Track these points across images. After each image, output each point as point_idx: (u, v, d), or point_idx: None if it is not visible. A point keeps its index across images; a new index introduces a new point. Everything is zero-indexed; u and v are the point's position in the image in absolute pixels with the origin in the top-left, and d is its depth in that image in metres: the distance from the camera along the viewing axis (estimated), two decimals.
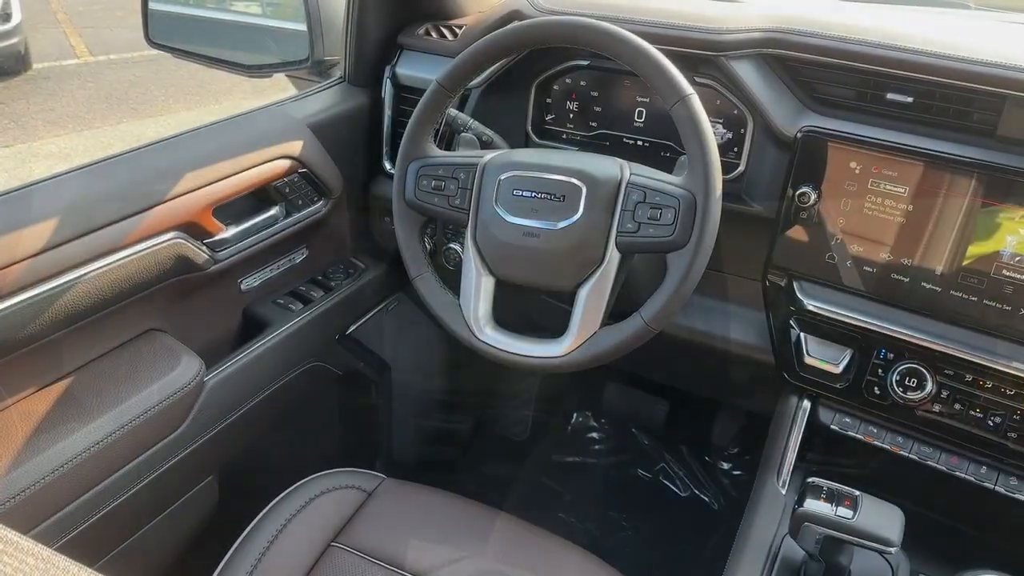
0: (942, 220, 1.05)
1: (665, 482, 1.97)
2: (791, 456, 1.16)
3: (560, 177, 1.04)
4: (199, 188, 1.17)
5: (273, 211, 1.32)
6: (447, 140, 1.36)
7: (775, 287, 1.21)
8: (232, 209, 1.25)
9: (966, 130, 1.05)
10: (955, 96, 1.04)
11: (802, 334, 1.19)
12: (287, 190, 1.32)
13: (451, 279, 1.16)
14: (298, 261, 1.44)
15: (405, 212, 1.14)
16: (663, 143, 1.30)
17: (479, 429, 2.06)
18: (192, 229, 1.17)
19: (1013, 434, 1.04)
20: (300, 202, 1.35)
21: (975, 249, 1.03)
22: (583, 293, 1.05)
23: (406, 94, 1.43)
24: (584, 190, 1.03)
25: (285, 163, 1.29)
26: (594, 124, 1.35)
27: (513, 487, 1.97)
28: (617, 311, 1.06)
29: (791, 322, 1.19)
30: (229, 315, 1.35)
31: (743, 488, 1.83)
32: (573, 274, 1.05)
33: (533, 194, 1.05)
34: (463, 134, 1.25)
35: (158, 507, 1.19)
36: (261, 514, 1.14)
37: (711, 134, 0.98)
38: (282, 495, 1.17)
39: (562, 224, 1.03)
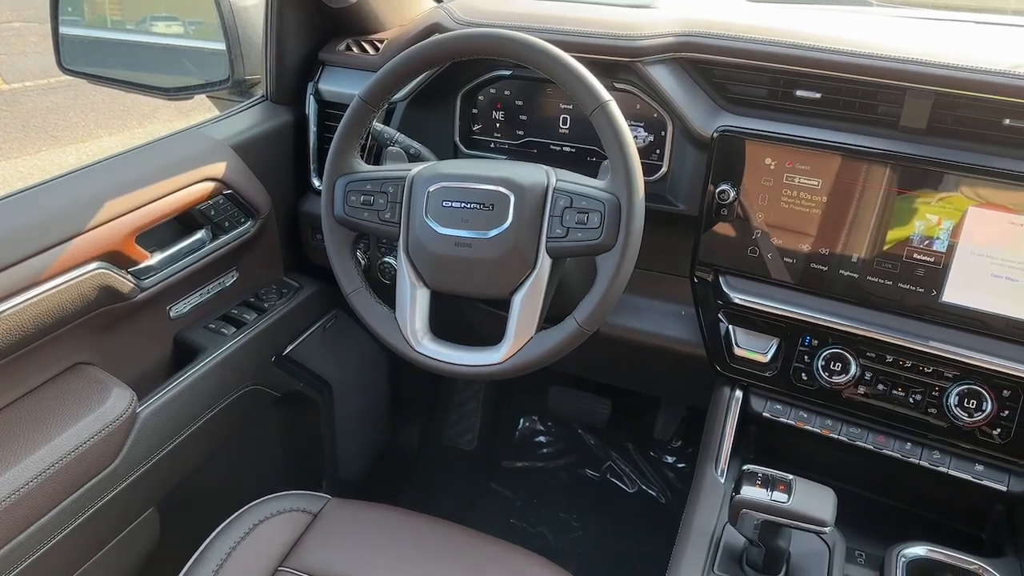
0: (855, 209, 1.09)
1: (613, 480, 2.00)
2: (727, 446, 1.19)
3: (488, 186, 1.06)
4: (120, 216, 1.14)
5: (199, 235, 1.30)
6: (375, 155, 1.36)
7: (702, 283, 1.24)
8: (156, 235, 1.22)
9: (872, 122, 1.10)
10: (860, 90, 1.09)
11: (730, 327, 1.22)
12: (212, 213, 1.30)
13: (388, 293, 1.17)
14: (229, 284, 1.42)
15: (335, 228, 1.14)
16: (589, 148, 1.33)
17: (427, 441, 2.06)
18: (115, 258, 1.14)
19: (933, 410, 1.09)
20: (227, 224, 1.33)
21: (887, 235, 1.08)
22: (517, 299, 1.06)
23: (330, 110, 1.42)
24: (512, 198, 1.04)
25: (209, 185, 1.27)
26: (521, 132, 1.37)
27: (464, 497, 1.97)
28: (554, 315, 1.08)
29: (719, 316, 1.23)
30: (160, 343, 1.32)
31: (688, 480, 1.87)
32: (507, 281, 1.06)
33: (463, 204, 1.06)
34: (390, 148, 1.26)
35: (97, 545, 1.16)
36: (205, 544, 1.11)
37: (630, 138, 1.01)
38: (225, 523, 1.15)
39: (493, 232, 1.05)
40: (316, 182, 1.46)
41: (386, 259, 1.37)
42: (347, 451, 1.74)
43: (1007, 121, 1.01)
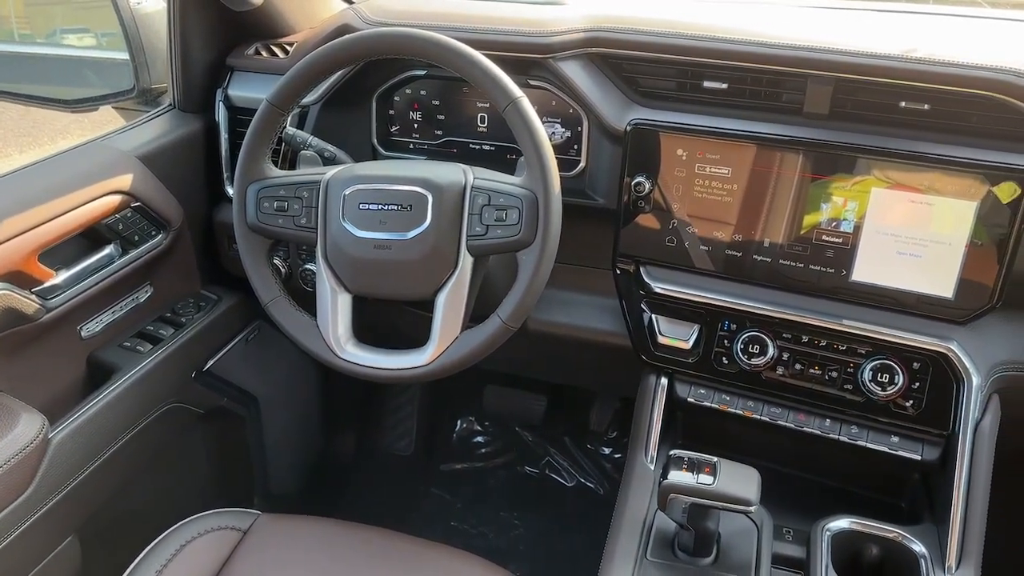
0: (764, 195, 1.12)
1: (552, 475, 2.01)
2: (655, 433, 1.21)
3: (405, 187, 1.05)
4: (21, 233, 1.09)
5: (107, 250, 1.25)
6: (290, 160, 1.33)
7: (625, 274, 1.26)
8: (61, 253, 1.17)
9: (777, 110, 1.13)
10: (764, 79, 1.12)
11: (653, 316, 1.24)
12: (121, 227, 1.25)
13: (311, 301, 1.14)
14: (143, 300, 1.37)
15: (249, 237, 1.11)
16: (508, 146, 1.33)
17: (363, 449, 2.03)
18: (17, 278, 1.09)
19: (849, 386, 1.13)
20: (137, 238, 1.29)
21: (796, 219, 1.11)
22: (441, 299, 1.06)
23: (241, 116, 1.39)
24: (430, 198, 1.04)
25: (115, 199, 1.23)
26: (439, 132, 1.36)
27: (403, 503, 1.95)
28: (481, 313, 1.08)
29: (642, 306, 1.25)
30: (72, 365, 1.27)
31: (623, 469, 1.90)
32: (429, 282, 1.06)
33: (380, 206, 1.05)
34: (303, 152, 1.23)
35: None
36: (129, 569, 1.07)
37: (543, 134, 1.01)
38: (150, 546, 1.11)
39: (412, 233, 1.04)
40: (230, 190, 1.42)
41: (307, 266, 1.34)
42: (278, 465, 1.70)
43: (903, 103, 1.06)
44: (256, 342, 1.56)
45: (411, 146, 1.38)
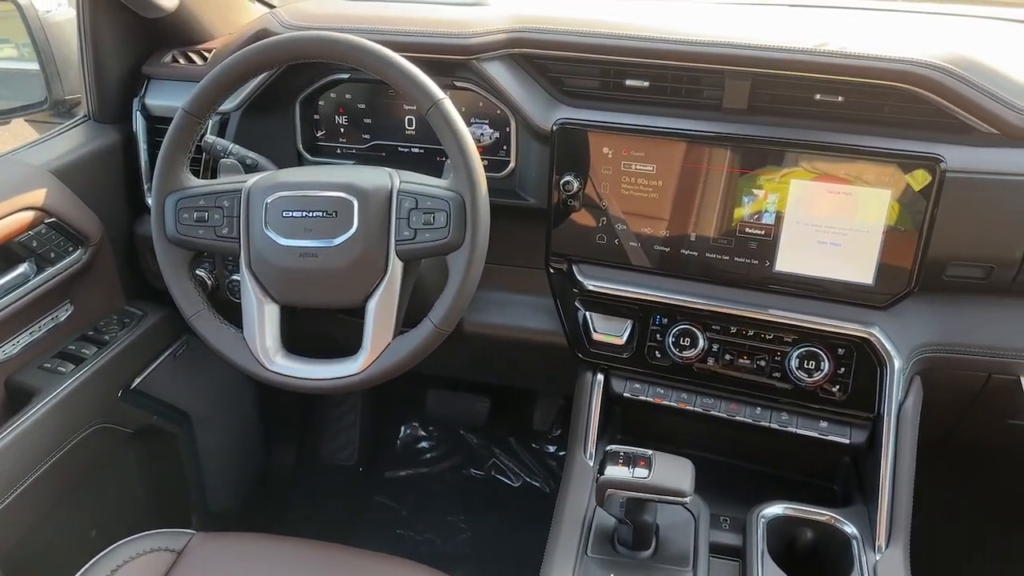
0: (688, 190, 1.14)
1: (498, 477, 2.01)
2: (593, 429, 1.22)
3: (329, 193, 1.03)
4: None
5: (21, 269, 1.20)
6: (213, 169, 1.30)
7: (558, 273, 1.27)
8: None
9: (698, 106, 1.14)
10: (684, 76, 1.14)
11: (587, 313, 1.25)
12: (35, 244, 1.20)
13: (239, 313, 1.11)
14: (63, 318, 1.32)
15: (169, 249, 1.08)
16: (437, 148, 1.32)
17: (304, 461, 1.99)
18: None
19: (777, 374, 1.16)
20: (53, 255, 1.24)
21: (721, 213, 1.13)
22: (372, 306, 1.04)
23: (160, 125, 1.35)
24: (355, 203, 1.02)
25: (27, 215, 1.18)
26: (367, 136, 1.34)
27: (347, 514, 1.92)
28: (416, 318, 1.07)
29: (576, 304, 1.25)
30: None
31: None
32: (359, 288, 1.04)
33: (304, 213, 1.03)
34: (224, 160, 1.20)
35: None
36: None
37: (467, 135, 1.01)
38: (80, 572, 1.07)
39: (339, 240, 1.02)
40: (151, 202, 1.38)
41: (234, 277, 1.31)
42: (215, 482, 1.66)
43: (818, 96, 1.08)
44: (185, 357, 1.52)
45: (338, 151, 1.36)
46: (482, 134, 1.27)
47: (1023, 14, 1.44)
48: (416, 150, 1.33)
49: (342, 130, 1.35)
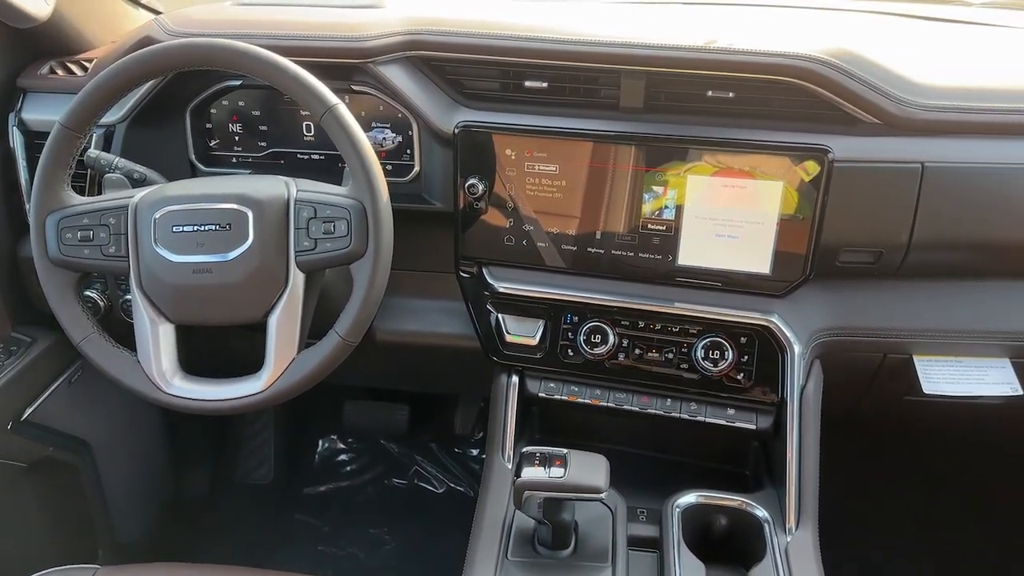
0: (591, 189, 1.15)
1: (421, 484, 1.99)
2: (511, 431, 1.22)
3: (221, 205, 1.00)
4: None
5: None
6: (100, 185, 1.23)
7: (468, 276, 1.26)
8: None
9: (596, 106, 1.16)
10: (581, 76, 1.14)
11: (499, 315, 1.24)
12: None
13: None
14: None
15: (52, 272, 1.02)
16: (338, 154, 1.29)
17: (218, 482, 1.92)
18: None
19: (685, 365, 1.18)
20: None
21: (623, 210, 1.15)
22: (273, 321, 1.01)
23: (40, 140, 1.26)
24: (250, 215, 0.99)
25: None
26: (263, 144, 1.30)
27: (266, 535, 1.86)
28: (324, 329, 1.04)
29: (488, 306, 1.25)
30: None
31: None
32: (258, 303, 1.01)
33: (195, 227, 0.99)
34: (108, 175, 1.14)
35: None
36: None
37: (364, 140, 0.99)
38: None
39: (234, 254, 0.99)
40: (31, 222, 1.30)
41: (128, 296, 1.25)
42: (123, 512, 1.58)
43: (710, 93, 1.11)
44: (82, 383, 1.44)
45: (234, 160, 1.31)
46: (384, 138, 1.25)
47: (905, 8, 1.52)
48: (316, 157, 1.30)
49: (237, 139, 1.30)
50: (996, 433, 1.63)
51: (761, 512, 1.10)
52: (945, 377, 1.17)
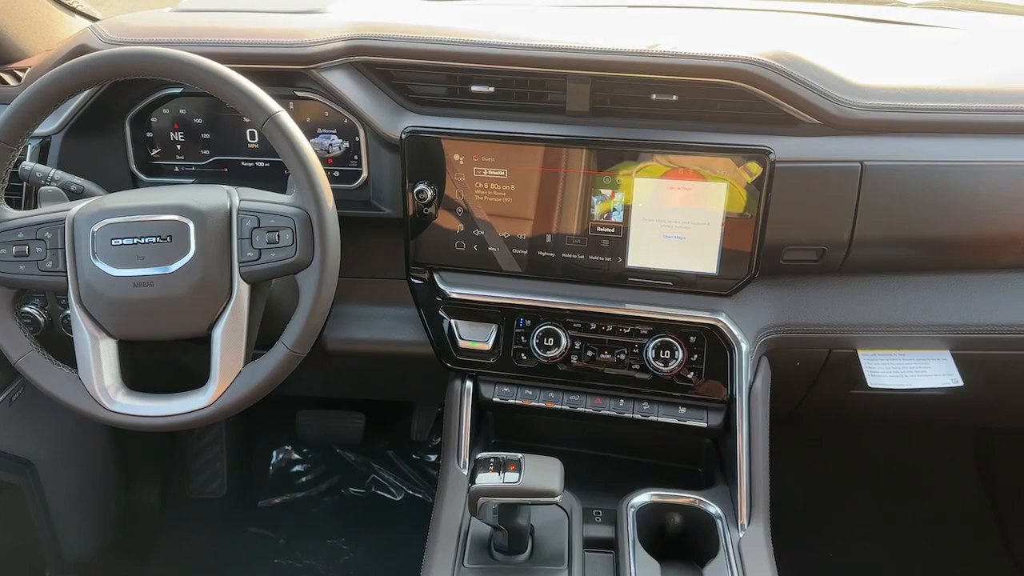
0: (540, 193, 1.15)
1: (379, 492, 1.97)
2: (466, 437, 1.21)
3: (161, 217, 0.97)
4: None
5: None
6: (36, 198, 1.19)
7: (420, 282, 1.25)
8: None
9: (543, 110, 1.16)
10: (528, 81, 1.15)
11: (452, 321, 1.24)
12: None
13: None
14: None
15: None
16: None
17: (169, 497, 1.88)
18: None
19: (636, 365, 1.19)
20: None
21: (572, 213, 1.15)
22: (218, 333, 1.00)
23: None
24: (192, 226, 0.97)
25: None
26: (207, 152, 1.28)
27: (220, 549, 1.83)
28: (271, 342, 1.02)
29: (440, 312, 1.24)
30: None
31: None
32: (202, 316, 0.99)
33: (135, 240, 0.97)
34: (44, 188, 1.11)
35: None
36: None
37: (307, 147, 0.98)
38: None
39: (176, 266, 0.97)
40: None
41: (68, 312, 1.21)
42: (70, 530, 1.54)
43: (654, 96, 1.12)
44: (23, 400, 1.39)
45: (176, 169, 1.28)
46: (330, 144, 1.23)
47: (843, 9, 1.55)
48: (262, 164, 1.28)
49: (179, 147, 1.27)
50: (940, 423, 1.68)
51: (714, 509, 1.11)
52: (889, 370, 1.19)
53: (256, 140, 1.27)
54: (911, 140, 1.12)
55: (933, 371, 1.20)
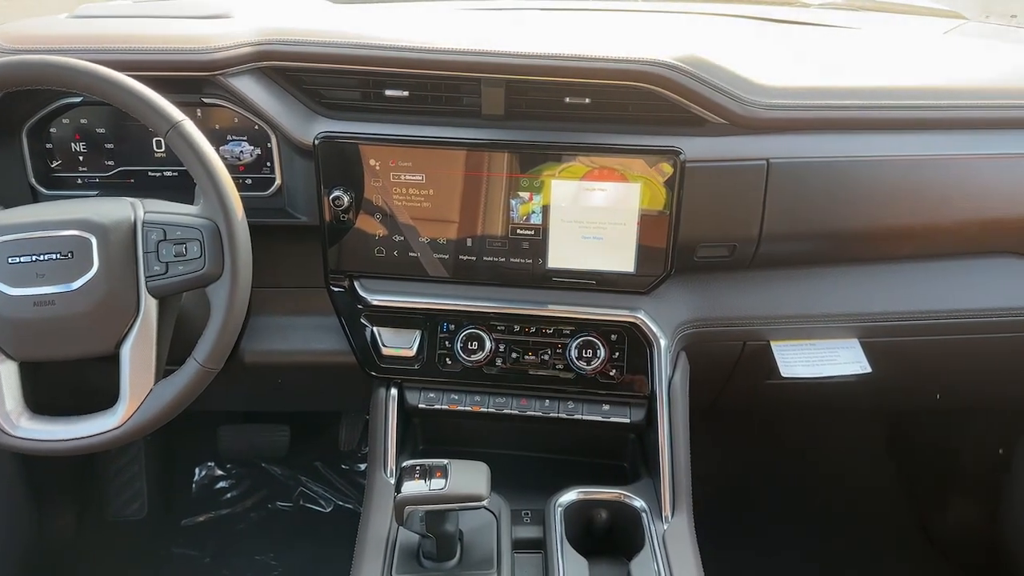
0: (459, 197, 1.15)
1: (308, 505, 1.94)
2: (392, 446, 1.20)
3: (61, 232, 0.94)
4: None
5: None
6: None
7: (340, 290, 1.23)
8: None
9: (458, 114, 1.16)
10: (443, 85, 1.14)
11: (375, 329, 1.23)
12: None
13: None
14: None
15: None
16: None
17: (86, 521, 1.80)
18: None
19: (560, 365, 1.20)
20: None
21: (491, 217, 1.16)
22: (126, 351, 0.96)
23: None
24: (94, 241, 0.94)
25: None
26: (111, 163, 1.23)
27: (142, 573, 1.76)
28: (184, 357, 0.99)
29: (362, 320, 1.23)
30: None
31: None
32: (108, 333, 0.96)
33: (34, 257, 0.93)
34: None
35: None
36: None
37: (213, 156, 0.95)
38: None
39: (78, 283, 0.93)
40: None
41: None
42: None
43: (568, 99, 1.13)
44: None
45: (79, 181, 1.23)
46: (241, 151, 1.20)
47: (748, 10, 1.60)
48: (169, 174, 1.24)
49: (81, 158, 1.22)
50: (854, 410, 1.75)
51: (639, 502, 1.13)
52: (800, 360, 1.24)
53: (163, 149, 1.23)
54: (814, 137, 1.17)
55: (842, 359, 1.25)
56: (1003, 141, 1.21)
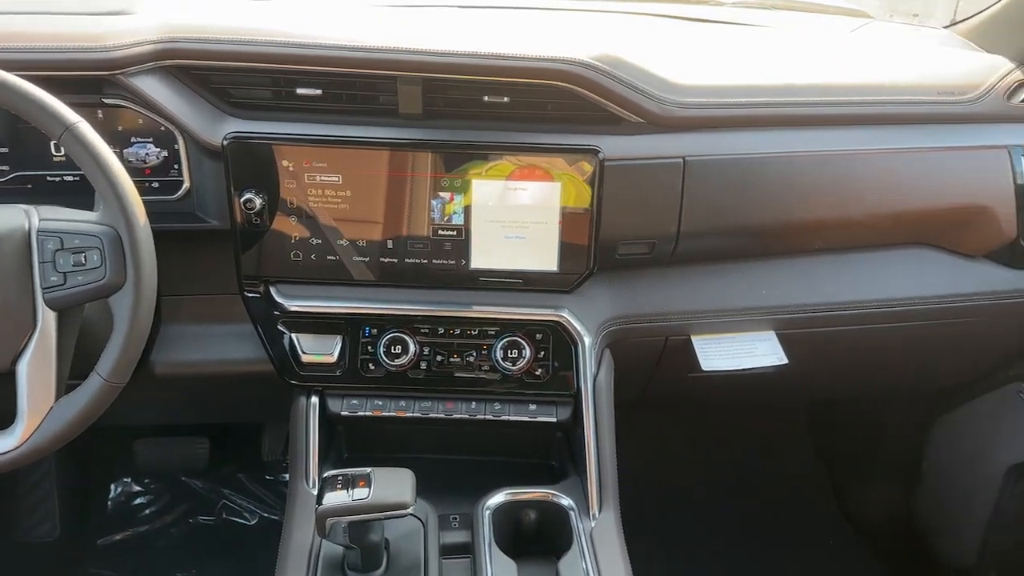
0: (378, 197, 1.13)
1: (231, 518, 1.88)
2: (314, 455, 1.17)
3: None
4: None
5: None
6: None
7: (255, 296, 1.19)
8: None
9: (375, 112, 1.13)
10: (358, 83, 1.11)
11: (293, 335, 1.19)
12: None
13: None
14: None
15: None
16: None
17: None
18: None
19: (486, 367, 1.19)
20: None
21: (412, 218, 1.14)
22: (23, 367, 0.91)
23: None
24: None
25: None
26: (6, 168, 1.16)
27: None
28: (88, 371, 0.94)
29: (279, 327, 1.19)
30: None
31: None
32: (3, 349, 0.90)
33: None
34: None
35: None
36: None
37: (111, 159, 0.91)
38: None
39: None
40: None
41: None
42: None
43: (486, 98, 1.12)
44: None
45: None
46: (147, 153, 1.15)
47: (662, 9, 1.62)
48: (70, 178, 1.17)
49: None
50: (774, 400, 1.80)
51: (566, 501, 1.13)
52: (720, 353, 1.26)
53: (63, 153, 1.16)
54: (728, 135, 1.19)
55: (760, 351, 1.27)
56: (909, 136, 1.26)
